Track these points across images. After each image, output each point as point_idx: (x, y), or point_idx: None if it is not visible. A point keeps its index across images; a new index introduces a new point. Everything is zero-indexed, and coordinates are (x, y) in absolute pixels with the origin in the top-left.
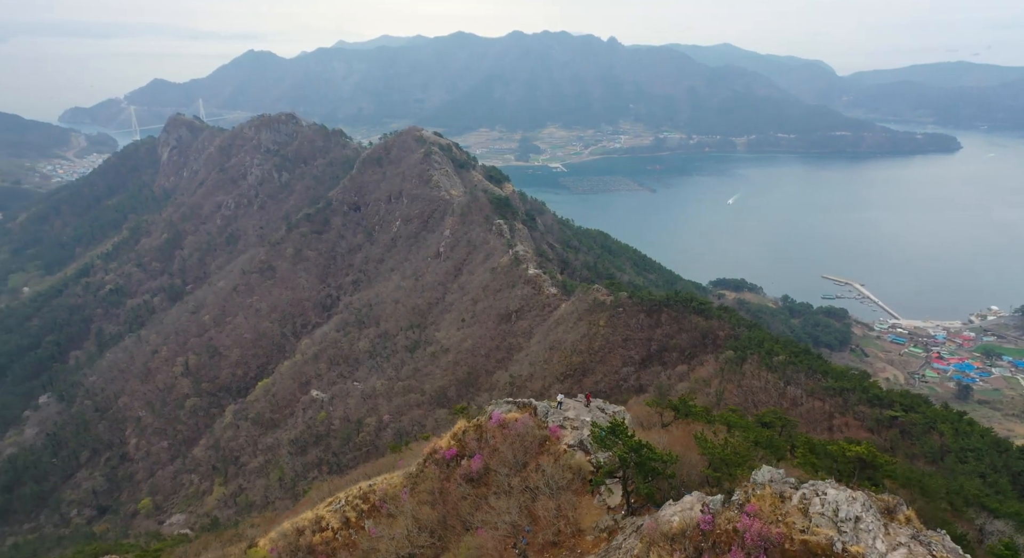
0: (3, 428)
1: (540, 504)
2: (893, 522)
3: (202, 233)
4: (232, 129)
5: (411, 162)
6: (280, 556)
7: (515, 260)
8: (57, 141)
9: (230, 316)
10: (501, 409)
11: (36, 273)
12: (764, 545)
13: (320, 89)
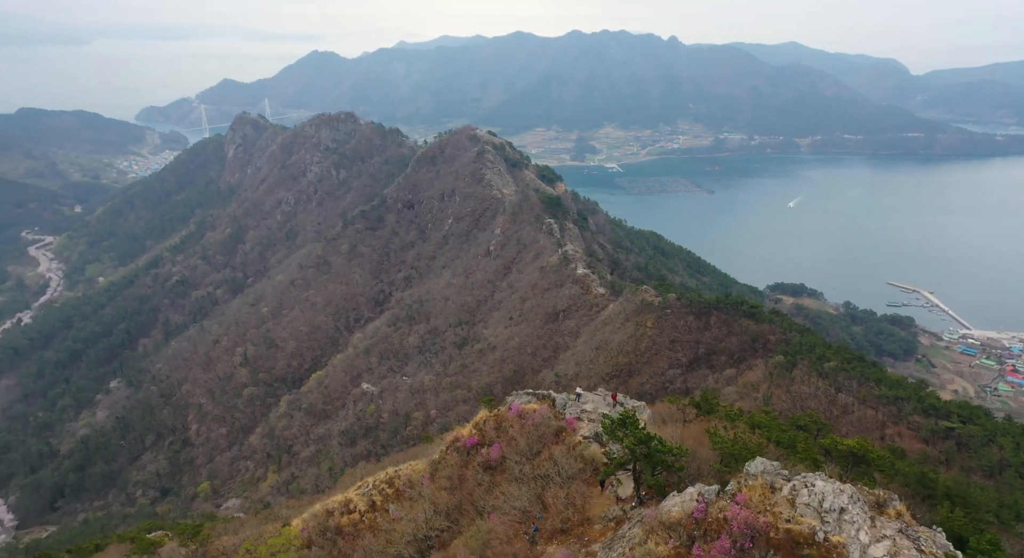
0: (78, 410)
1: (550, 492)
2: (882, 516)
3: (263, 228)
4: (294, 127)
5: (464, 161)
6: (310, 535)
7: (564, 259)
8: (133, 138)
9: (287, 309)
10: (521, 400)
11: (110, 264)
12: (750, 533)
13: (380, 88)
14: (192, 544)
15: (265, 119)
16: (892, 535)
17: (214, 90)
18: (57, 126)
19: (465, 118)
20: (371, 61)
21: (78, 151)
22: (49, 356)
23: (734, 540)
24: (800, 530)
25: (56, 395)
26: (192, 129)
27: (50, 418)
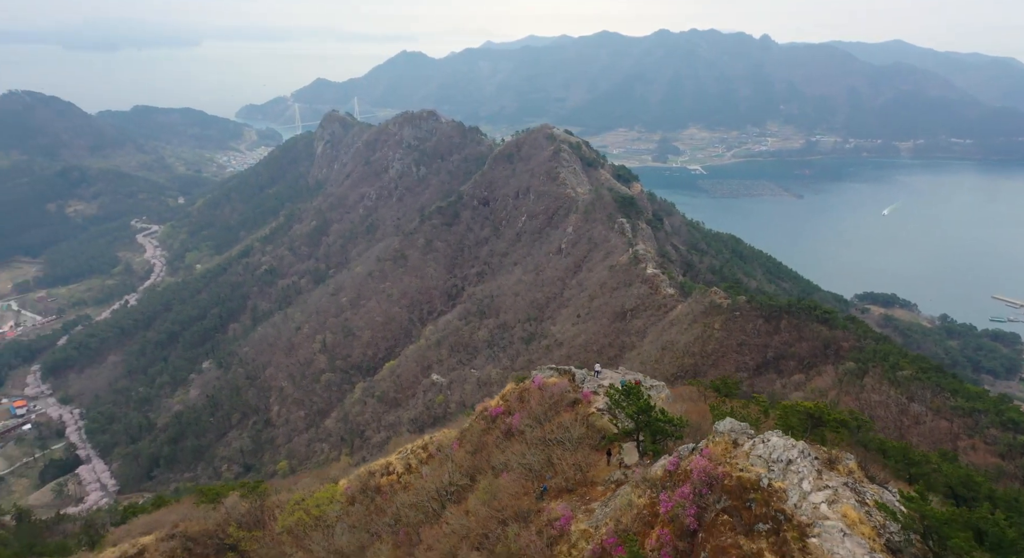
0: (173, 387)
1: (557, 454)
2: (832, 471)
3: (346, 222)
4: (378, 125)
5: (540, 159)
6: (352, 493)
7: (634, 259)
8: (233, 135)
9: (364, 300)
10: (544, 374)
11: (207, 252)
12: (708, 481)
13: (465, 88)
14: (252, 497)
15: (353, 117)
16: (836, 486)
17: (308, 89)
18: (166, 122)
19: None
20: (457, 61)
21: (184, 146)
22: (150, 336)
23: (694, 487)
24: (748, 477)
25: (155, 372)
26: (286, 126)
27: (149, 393)
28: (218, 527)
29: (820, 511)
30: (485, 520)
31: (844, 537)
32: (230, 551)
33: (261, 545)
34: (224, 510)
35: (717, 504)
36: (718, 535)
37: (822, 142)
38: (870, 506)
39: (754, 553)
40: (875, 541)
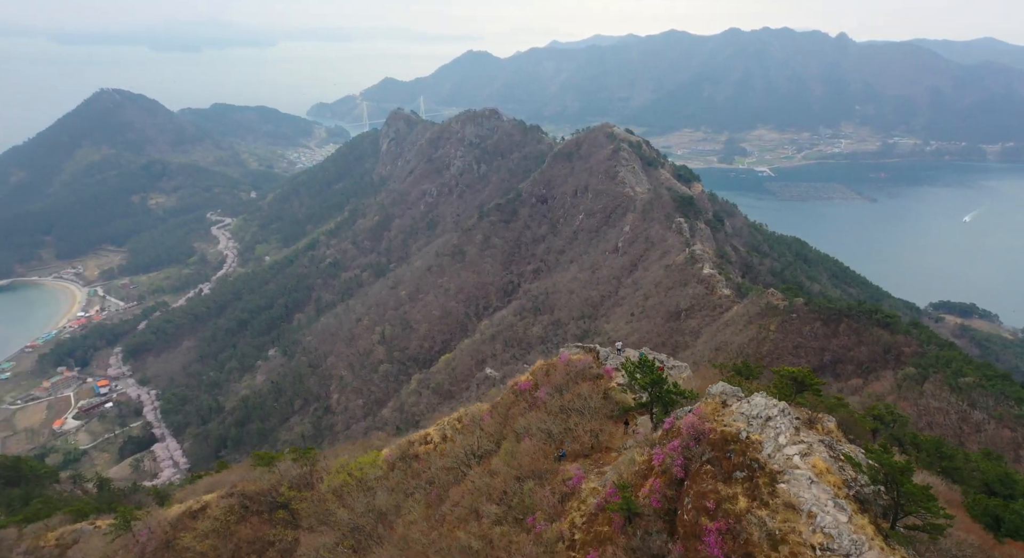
0: (241, 372)
1: (574, 421)
2: (811, 430)
3: (407, 217)
4: (441, 123)
5: (599, 158)
6: (392, 459)
7: (691, 259)
8: (303, 132)
9: (423, 293)
10: (570, 351)
11: (276, 245)
12: (696, 436)
13: (529, 87)
14: (303, 461)
15: (417, 115)
16: (811, 442)
17: (376, 88)
18: (242, 120)
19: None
20: (522, 60)
21: (257, 142)
22: (221, 323)
23: (683, 441)
24: (730, 431)
25: (225, 358)
26: (354, 124)
27: (219, 378)
28: (271, 487)
29: (792, 461)
30: (505, 478)
31: (811, 484)
32: (281, 509)
33: (309, 503)
34: (277, 473)
35: (702, 456)
36: (701, 482)
37: (900, 144)
38: (842, 461)
39: (730, 497)
40: (840, 489)
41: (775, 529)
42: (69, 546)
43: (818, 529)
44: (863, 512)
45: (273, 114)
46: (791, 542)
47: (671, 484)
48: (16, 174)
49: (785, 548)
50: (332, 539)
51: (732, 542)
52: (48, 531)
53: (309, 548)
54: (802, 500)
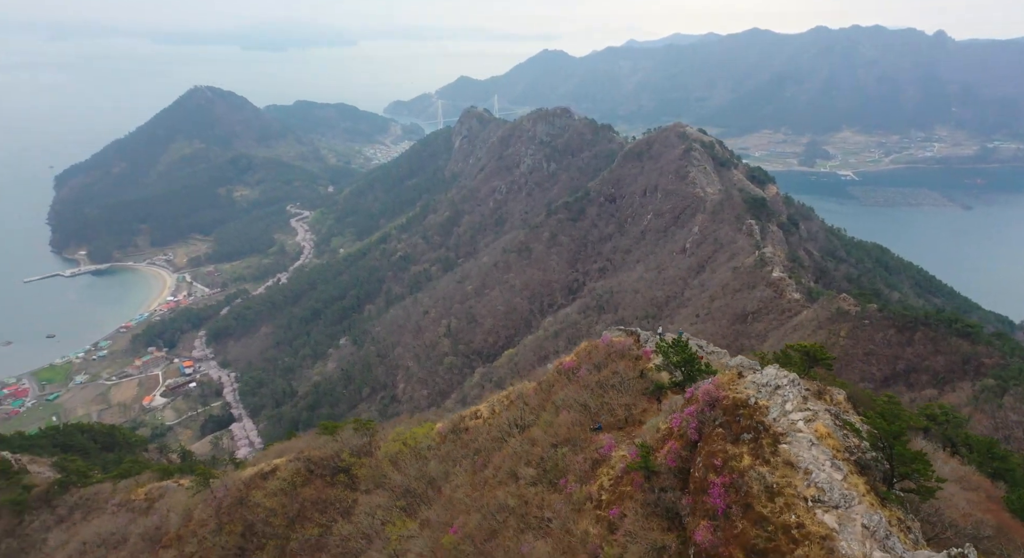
0: (314, 359)
1: (610, 395)
2: (819, 400)
3: (476, 214)
4: (512, 121)
5: (670, 158)
6: (444, 432)
7: (760, 261)
8: (380, 129)
9: (489, 289)
10: (612, 333)
11: (350, 237)
12: (711, 402)
13: (604, 86)
14: (363, 431)
15: (490, 113)
16: (817, 410)
17: (451, 86)
18: (323, 116)
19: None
20: (598, 59)
21: (336, 139)
22: (296, 312)
23: (698, 407)
24: (740, 397)
25: (299, 345)
26: (429, 122)
27: (293, 363)
28: (334, 454)
29: (796, 426)
30: (543, 446)
31: (811, 446)
32: (342, 473)
33: (366, 469)
34: (340, 441)
35: (715, 421)
36: (712, 443)
37: (1001, 149)
38: (846, 430)
39: (736, 455)
40: (839, 452)
41: (773, 483)
42: (155, 500)
43: (812, 484)
44: (862, 475)
45: (352, 111)
46: (786, 494)
47: (686, 446)
48: (117, 166)
49: (780, 500)
50: (386, 500)
51: (734, 494)
52: (138, 487)
53: (365, 507)
54: (801, 459)
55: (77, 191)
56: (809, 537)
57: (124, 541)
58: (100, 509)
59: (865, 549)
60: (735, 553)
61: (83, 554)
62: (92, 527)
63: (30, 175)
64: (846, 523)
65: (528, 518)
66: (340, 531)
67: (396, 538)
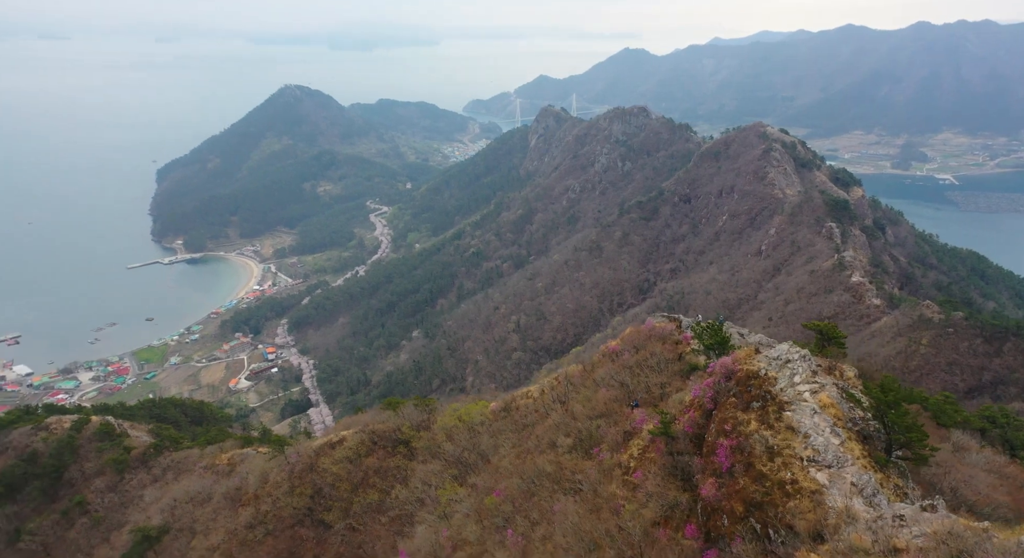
0: (387, 350)
1: (645, 374)
2: (828, 375)
3: (549, 212)
4: (588, 120)
5: (749, 158)
6: (496, 410)
7: (839, 265)
8: (458, 127)
9: (559, 286)
10: (656, 320)
11: (426, 233)
12: (727, 374)
13: (685, 85)
14: (422, 407)
15: (567, 112)
16: (825, 383)
17: (530, 85)
18: (404, 115)
19: (772, 117)
20: (680, 58)
21: (416, 136)
22: (373, 303)
23: (715, 379)
24: (753, 369)
25: (374, 336)
26: (507, 120)
27: (368, 353)
28: (395, 428)
29: (801, 396)
30: (581, 418)
31: (814, 414)
32: (402, 445)
33: (423, 441)
34: (401, 416)
35: (729, 391)
36: (724, 411)
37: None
38: (852, 403)
39: (744, 421)
40: (840, 421)
41: (774, 445)
42: (237, 464)
43: (809, 446)
44: (864, 444)
45: (432, 109)
46: (784, 455)
47: (703, 415)
48: (212, 161)
49: (779, 459)
50: (439, 468)
51: (739, 455)
52: (222, 453)
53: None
54: (802, 425)
55: (176, 184)
56: (801, 491)
57: (209, 499)
58: (189, 471)
59: (849, 502)
60: (735, 506)
61: (174, 509)
62: (182, 486)
63: (136, 169)
64: (836, 480)
65: (562, 482)
66: (397, 495)
67: (446, 501)
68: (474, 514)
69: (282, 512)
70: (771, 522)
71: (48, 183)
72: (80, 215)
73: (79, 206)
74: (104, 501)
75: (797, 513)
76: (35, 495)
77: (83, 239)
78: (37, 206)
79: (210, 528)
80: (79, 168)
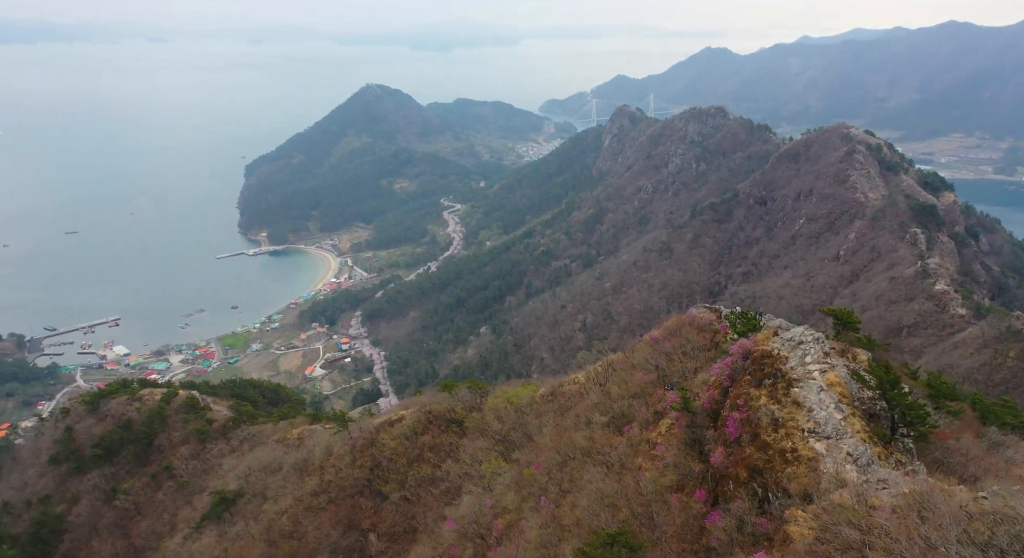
0: (455, 345)
1: (681, 361)
2: (841, 357)
3: (620, 212)
4: (663, 120)
5: (830, 160)
6: (545, 394)
7: (922, 273)
8: (533, 127)
9: (626, 287)
10: (698, 310)
11: (496, 231)
12: (744, 355)
13: (769, 85)
14: (475, 390)
15: (642, 112)
16: (835, 364)
17: (607, 85)
18: (480, 114)
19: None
20: (764, 57)
21: (491, 136)
22: (443, 299)
23: (733, 359)
24: (767, 349)
25: (443, 330)
26: (582, 120)
27: (436, 347)
28: (450, 408)
29: (810, 374)
30: (616, 398)
31: (820, 391)
32: (455, 424)
33: (474, 421)
34: (456, 397)
35: (745, 370)
36: (739, 388)
37: None
38: (861, 384)
39: (755, 396)
40: (845, 398)
41: (779, 417)
42: (305, 438)
43: (812, 419)
44: (869, 422)
45: (507, 109)
46: (788, 426)
47: (721, 392)
48: (296, 157)
49: (783, 430)
50: (487, 444)
51: (747, 426)
52: (292, 428)
53: (469, 450)
54: (808, 400)
55: (262, 179)
56: (799, 459)
57: (279, 468)
58: (263, 443)
59: (842, 468)
60: (740, 472)
61: (248, 476)
62: (256, 456)
63: (226, 164)
64: (833, 450)
65: (594, 455)
66: (448, 469)
67: (489, 473)
68: (514, 485)
69: (344, 482)
70: (770, 486)
71: (149, 177)
72: (176, 207)
73: (175, 199)
74: (188, 467)
75: (793, 478)
76: (129, 458)
77: (178, 230)
78: (139, 198)
79: (279, 494)
80: (177, 163)
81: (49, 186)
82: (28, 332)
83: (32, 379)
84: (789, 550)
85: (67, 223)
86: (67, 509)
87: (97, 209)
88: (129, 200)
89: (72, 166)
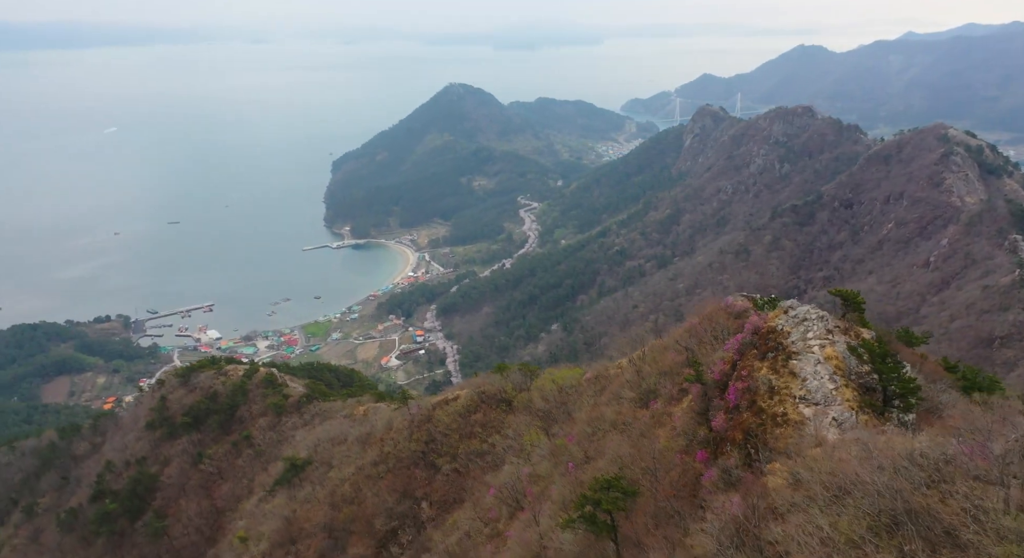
0: (527, 341)
1: (710, 344)
2: (844, 335)
3: (698, 213)
4: (747, 120)
5: (923, 162)
6: (590, 378)
7: (1020, 281)
8: (615, 126)
9: (700, 288)
10: (735, 298)
11: (572, 230)
12: (754, 330)
13: (867, 84)
14: (525, 372)
15: (726, 112)
16: (837, 340)
17: (692, 84)
18: (561, 113)
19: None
20: (863, 55)
21: (571, 135)
22: (516, 295)
23: (743, 335)
24: (773, 325)
25: (515, 326)
26: (665, 120)
27: (507, 343)
28: (501, 389)
29: (810, 348)
30: (645, 376)
31: (817, 363)
32: (504, 403)
33: (521, 400)
34: (507, 378)
35: (753, 345)
36: (745, 360)
37: None
38: (859, 359)
39: (758, 368)
40: (840, 371)
41: (776, 386)
42: (369, 414)
43: (804, 387)
44: (864, 394)
45: (589, 108)
46: (781, 393)
47: (731, 365)
48: (381, 154)
49: (777, 397)
50: (528, 419)
51: (746, 394)
52: (359, 405)
53: (513, 425)
54: (803, 371)
55: (347, 175)
56: (788, 422)
57: (344, 440)
58: (332, 418)
59: (824, 430)
60: (736, 435)
61: (317, 447)
62: (325, 429)
63: (315, 160)
64: (819, 415)
65: (619, 426)
66: (494, 443)
67: (529, 446)
68: (549, 455)
69: (401, 454)
70: (759, 446)
71: (245, 171)
72: (267, 200)
73: (267, 192)
74: (265, 437)
75: (780, 438)
76: (214, 427)
77: (268, 222)
78: (234, 191)
79: (343, 463)
80: (269, 159)
81: (156, 179)
82: (133, 314)
83: (135, 358)
84: (761, 492)
85: (171, 213)
86: (160, 470)
87: (197, 201)
88: (226, 193)
89: (176, 161)
